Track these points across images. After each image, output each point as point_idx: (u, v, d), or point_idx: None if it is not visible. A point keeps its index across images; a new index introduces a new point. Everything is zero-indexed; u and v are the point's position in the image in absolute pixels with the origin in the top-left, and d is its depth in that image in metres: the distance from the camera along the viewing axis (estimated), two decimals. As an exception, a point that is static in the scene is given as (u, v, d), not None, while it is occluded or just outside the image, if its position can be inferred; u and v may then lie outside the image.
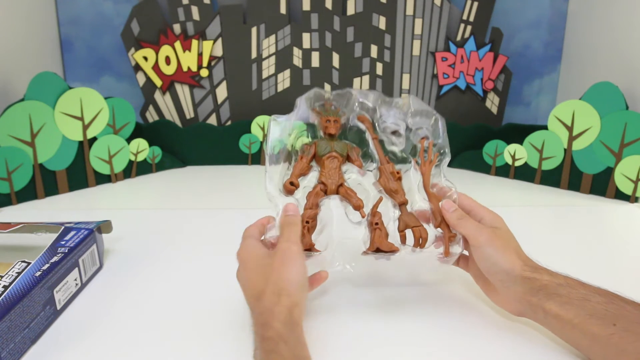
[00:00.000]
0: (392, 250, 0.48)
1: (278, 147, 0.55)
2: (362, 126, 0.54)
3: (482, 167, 1.03)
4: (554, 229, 0.79)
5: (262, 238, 0.50)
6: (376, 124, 0.54)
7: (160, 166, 1.04)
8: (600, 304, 0.41)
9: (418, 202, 0.51)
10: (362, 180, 0.53)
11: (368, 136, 0.54)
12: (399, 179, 0.52)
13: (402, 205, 0.51)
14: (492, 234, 0.47)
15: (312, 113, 0.55)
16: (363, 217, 0.50)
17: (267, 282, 0.42)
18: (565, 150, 0.92)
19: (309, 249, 0.49)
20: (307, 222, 0.49)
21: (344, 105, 0.54)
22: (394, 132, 0.55)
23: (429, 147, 0.53)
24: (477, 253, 0.47)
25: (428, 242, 0.49)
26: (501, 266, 0.46)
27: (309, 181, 0.52)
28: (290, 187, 0.52)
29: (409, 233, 0.50)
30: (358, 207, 0.50)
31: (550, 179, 0.95)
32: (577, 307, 0.42)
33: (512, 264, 0.46)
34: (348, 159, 0.53)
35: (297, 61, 1.07)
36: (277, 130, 0.53)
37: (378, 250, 0.49)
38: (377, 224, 0.49)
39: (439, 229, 0.50)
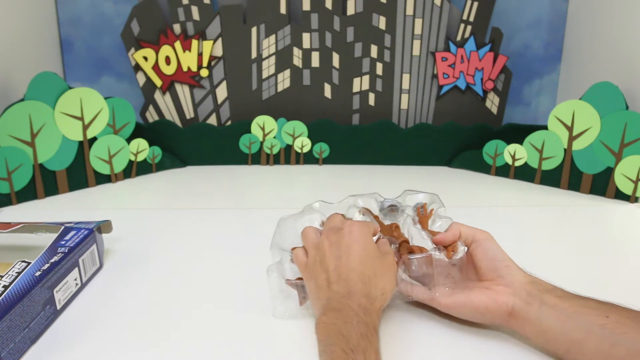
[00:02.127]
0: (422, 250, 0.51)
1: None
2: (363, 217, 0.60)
3: (482, 167, 1.03)
4: (554, 229, 0.79)
5: (287, 278, 0.53)
6: (376, 208, 0.61)
7: (160, 166, 1.04)
8: (593, 301, 0.43)
9: (418, 242, 0.55)
10: None
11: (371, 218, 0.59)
12: (397, 227, 0.56)
13: (403, 242, 0.53)
14: (488, 233, 0.50)
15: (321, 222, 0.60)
16: None
17: (375, 273, 0.46)
18: (565, 150, 0.92)
19: None
20: None
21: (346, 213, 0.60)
22: (392, 208, 0.61)
23: (424, 207, 0.58)
24: (479, 248, 0.49)
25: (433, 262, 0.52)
26: (505, 254, 0.48)
27: None
28: (297, 256, 0.55)
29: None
30: None
31: (550, 179, 0.95)
32: (572, 300, 0.44)
33: (511, 259, 0.48)
34: None
35: (297, 61, 1.07)
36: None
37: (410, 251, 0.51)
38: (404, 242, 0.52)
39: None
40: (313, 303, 0.48)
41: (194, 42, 1.03)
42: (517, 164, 0.98)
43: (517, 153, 0.98)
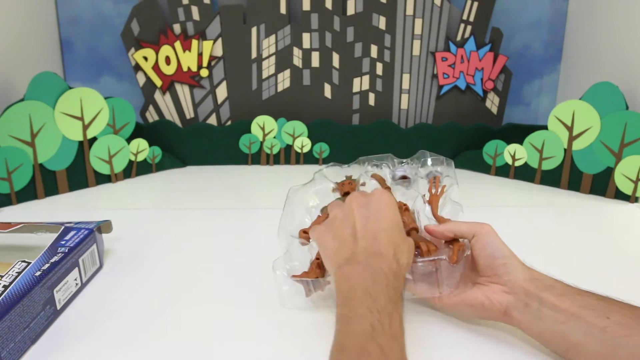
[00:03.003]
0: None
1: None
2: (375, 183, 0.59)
3: (482, 167, 1.03)
4: (554, 229, 0.79)
5: (291, 274, 0.52)
6: (388, 177, 0.61)
7: (160, 166, 1.04)
8: (593, 299, 0.42)
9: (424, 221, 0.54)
10: None
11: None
12: (407, 209, 0.54)
13: (412, 230, 0.52)
14: (488, 226, 0.49)
15: (332, 188, 0.60)
16: None
17: (402, 238, 0.45)
18: (565, 150, 0.92)
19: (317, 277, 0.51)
20: (318, 258, 0.51)
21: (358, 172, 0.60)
22: (404, 178, 0.60)
23: (436, 181, 0.56)
24: (479, 243, 0.48)
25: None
26: (506, 251, 0.47)
27: None
28: (304, 235, 0.54)
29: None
30: None
31: (550, 179, 0.95)
32: (572, 299, 0.42)
33: (513, 254, 0.47)
34: None
35: (297, 61, 1.07)
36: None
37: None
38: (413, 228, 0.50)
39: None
40: (329, 258, 0.46)
41: (194, 42, 1.03)
42: (517, 164, 0.98)
43: (517, 153, 0.98)
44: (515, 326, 0.46)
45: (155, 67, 1.04)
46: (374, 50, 1.07)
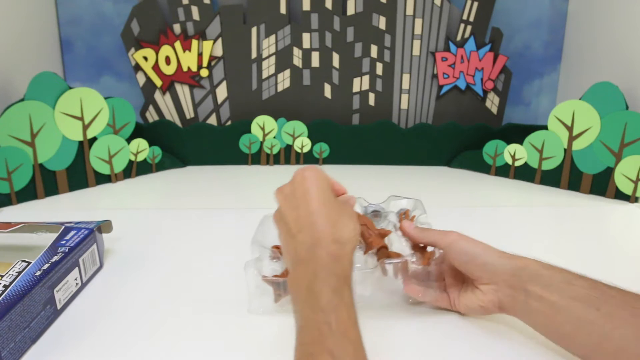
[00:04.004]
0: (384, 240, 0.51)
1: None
2: None
3: (482, 167, 1.03)
4: (554, 229, 0.79)
5: (263, 275, 0.52)
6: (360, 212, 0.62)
7: (160, 166, 1.04)
8: (584, 288, 0.41)
9: (397, 248, 0.55)
10: None
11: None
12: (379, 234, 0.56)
13: (382, 248, 0.53)
14: (459, 233, 0.49)
15: None
16: None
17: (340, 214, 0.42)
18: (565, 150, 0.92)
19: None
20: None
21: None
22: (375, 213, 0.62)
23: (406, 214, 0.60)
24: (451, 253, 0.48)
25: (409, 268, 0.53)
26: (479, 252, 0.47)
27: None
28: (274, 249, 0.56)
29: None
30: None
31: (550, 179, 0.95)
32: (561, 289, 0.42)
33: (488, 249, 0.47)
34: None
35: (297, 61, 1.07)
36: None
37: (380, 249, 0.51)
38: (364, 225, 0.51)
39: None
40: (284, 260, 0.45)
41: (194, 42, 1.03)
42: (517, 164, 0.98)
43: (517, 153, 0.98)
44: (513, 316, 0.46)
45: (155, 67, 1.04)
46: (374, 50, 1.07)
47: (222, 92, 1.07)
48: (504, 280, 0.45)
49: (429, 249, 0.53)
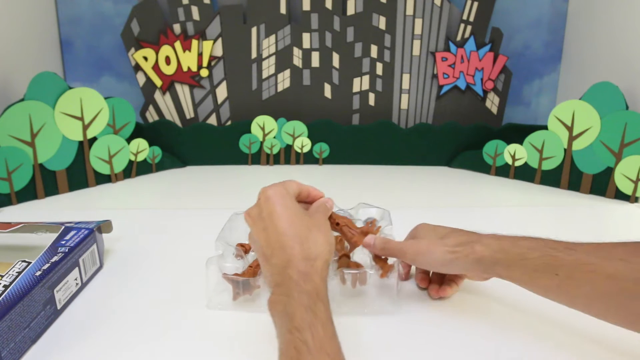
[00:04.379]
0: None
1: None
2: None
3: (482, 167, 1.03)
4: (554, 229, 0.78)
5: (224, 272, 0.53)
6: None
7: (160, 166, 1.04)
8: (537, 258, 0.44)
9: (359, 257, 0.57)
10: None
11: None
12: (340, 240, 0.58)
13: (343, 256, 0.56)
14: (413, 243, 0.51)
15: None
16: None
17: (308, 228, 0.42)
18: (565, 150, 0.92)
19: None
20: (251, 266, 0.54)
21: None
22: None
23: (372, 223, 0.61)
24: (421, 263, 0.51)
25: (367, 279, 0.55)
26: (434, 259, 0.49)
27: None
28: (240, 247, 0.58)
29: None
30: None
31: (550, 179, 0.95)
32: (520, 266, 0.45)
33: (440, 254, 0.49)
34: None
35: (297, 61, 1.07)
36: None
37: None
38: (337, 224, 0.52)
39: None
40: (266, 283, 0.45)
41: (194, 42, 1.03)
42: (517, 164, 0.98)
43: (517, 153, 0.98)
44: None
45: (155, 67, 1.04)
46: (374, 50, 1.07)
47: (222, 92, 1.07)
48: (474, 268, 0.48)
49: (390, 261, 0.54)
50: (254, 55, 1.06)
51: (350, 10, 1.04)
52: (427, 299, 0.55)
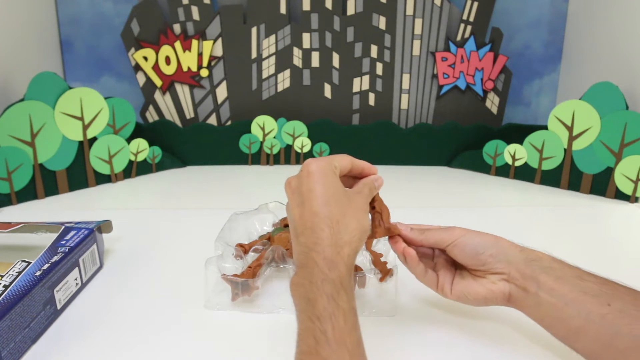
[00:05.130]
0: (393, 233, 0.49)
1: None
2: None
3: (482, 167, 1.03)
4: (554, 229, 0.79)
5: (223, 273, 0.53)
6: None
7: (160, 166, 1.04)
8: (595, 284, 0.41)
9: (358, 258, 0.57)
10: None
11: None
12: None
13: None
14: (463, 228, 0.47)
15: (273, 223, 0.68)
16: None
17: (343, 214, 0.40)
18: (565, 150, 0.92)
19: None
20: (250, 267, 0.55)
21: None
22: None
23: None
24: (456, 249, 0.46)
25: (366, 282, 0.55)
26: (491, 242, 0.46)
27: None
28: (240, 248, 0.59)
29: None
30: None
31: (550, 179, 0.95)
32: (571, 283, 0.41)
33: (500, 239, 0.46)
34: None
35: (297, 61, 1.07)
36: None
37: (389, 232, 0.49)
38: (374, 207, 0.49)
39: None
40: (293, 260, 0.44)
41: (194, 42, 1.03)
42: (517, 164, 0.98)
43: (517, 153, 0.98)
44: (519, 310, 0.45)
45: (155, 67, 1.04)
46: (374, 50, 1.07)
47: (222, 92, 1.07)
48: (517, 269, 0.44)
49: (389, 265, 0.54)
50: (254, 55, 1.06)
51: (350, 10, 1.04)
52: (427, 302, 0.55)
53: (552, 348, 0.46)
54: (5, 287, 0.46)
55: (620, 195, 0.88)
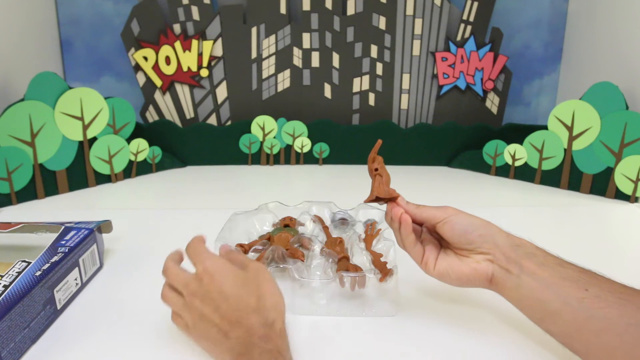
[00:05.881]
0: (393, 197, 0.50)
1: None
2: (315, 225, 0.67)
3: (482, 167, 1.03)
4: (554, 229, 0.79)
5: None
6: (328, 218, 0.69)
7: (160, 166, 1.04)
8: (574, 271, 0.43)
9: (358, 260, 0.58)
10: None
11: (320, 227, 0.67)
12: (341, 242, 0.61)
13: (343, 258, 0.56)
14: (451, 208, 0.49)
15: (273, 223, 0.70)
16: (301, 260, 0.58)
17: (258, 297, 0.42)
18: (565, 150, 0.92)
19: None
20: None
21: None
22: (343, 220, 0.67)
23: (372, 226, 0.63)
24: (447, 226, 0.48)
25: (366, 282, 0.55)
26: (480, 223, 0.48)
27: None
28: (240, 248, 0.60)
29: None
30: (293, 255, 0.58)
31: (550, 179, 0.95)
32: (553, 269, 0.43)
33: (488, 223, 0.48)
34: (301, 246, 0.63)
35: (297, 61, 1.07)
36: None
37: (378, 199, 0.51)
38: (377, 169, 0.51)
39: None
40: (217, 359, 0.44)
41: (194, 42, 1.03)
42: (517, 164, 0.98)
43: (517, 153, 0.98)
44: (498, 292, 0.47)
45: (155, 67, 1.04)
46: (374, 50, 1.07)
47: (222, 92, 1.07)
48: (502, 252, 0.46)
49: (389, 265, 0.54)
50: (254, 55, 1.06)
51: (350, 10, 1.04)
52: (428, 302, 0.55)
53: (555, 350, 0.46)
54: (5, 287, 0.46)
55: (620, 195, 0.88)
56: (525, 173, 0.98)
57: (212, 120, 1.09)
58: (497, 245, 0.46)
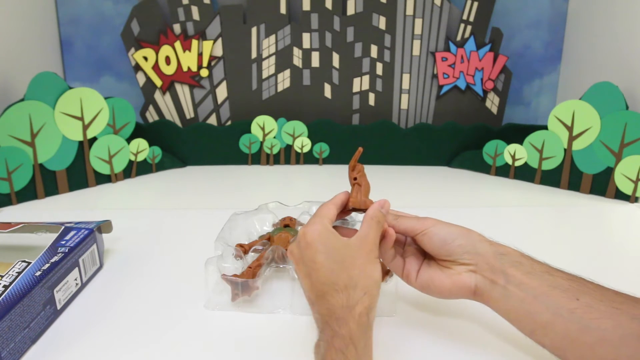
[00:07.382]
0: (367, 207, 0.47)
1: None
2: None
3: (482, 167, 1.03)
4: (554, 229, 0.79)
5: (223, 273, 0.53)
6: None
7: (160, 166, 1.04)
8: (563, 279, 0.41)
9: None
10: None
11: None
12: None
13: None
14: (435, 219, 0.47)
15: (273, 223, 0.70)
16: None
17: (350, 276, 0.41)
18: (565, 150, 0.92)
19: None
20: (250, 267, 0.56)
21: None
22: (343, 220, 0.65)
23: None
24: (425, 237, 0.46)
25: None
26: (459, 233, 0.45)
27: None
28: (240, 248, 0.59)
29: None
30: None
31: (550, 179, 0.95)
32: (540, 278, 0.41)
33: (470, 231, 0.45)
34: None
35: (297, 61, 1.07)
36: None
37: (354, 210, 0.49)
38: (355, 178, 0.49)
39: None
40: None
41: (194, 42, 1.03)
42: (517, 164, 0.98)
43: (517, 153, 0.98)
44: (485, 304, 0.44)
45: (155, 67, 1.04)
46: (374, 50, 1.07)
47: (222, 92, 1.07)
48: (486, 262, 0.43)
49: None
50: (254, 55, 1.06)
51: (350, 10, 1.04)
52: (426, 302, 0.55)
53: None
54: (5, 287, 0.46)
55: (620, 195, 0.88)
56: (525, 173, 0.98)
57: (212, 120, 1.09)
58: (479, 255, 0.44)
